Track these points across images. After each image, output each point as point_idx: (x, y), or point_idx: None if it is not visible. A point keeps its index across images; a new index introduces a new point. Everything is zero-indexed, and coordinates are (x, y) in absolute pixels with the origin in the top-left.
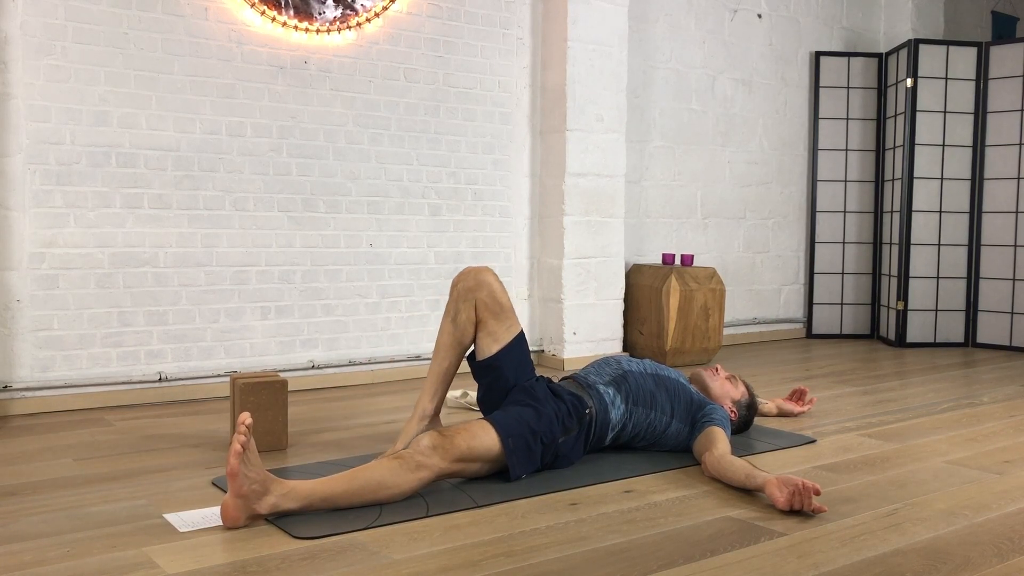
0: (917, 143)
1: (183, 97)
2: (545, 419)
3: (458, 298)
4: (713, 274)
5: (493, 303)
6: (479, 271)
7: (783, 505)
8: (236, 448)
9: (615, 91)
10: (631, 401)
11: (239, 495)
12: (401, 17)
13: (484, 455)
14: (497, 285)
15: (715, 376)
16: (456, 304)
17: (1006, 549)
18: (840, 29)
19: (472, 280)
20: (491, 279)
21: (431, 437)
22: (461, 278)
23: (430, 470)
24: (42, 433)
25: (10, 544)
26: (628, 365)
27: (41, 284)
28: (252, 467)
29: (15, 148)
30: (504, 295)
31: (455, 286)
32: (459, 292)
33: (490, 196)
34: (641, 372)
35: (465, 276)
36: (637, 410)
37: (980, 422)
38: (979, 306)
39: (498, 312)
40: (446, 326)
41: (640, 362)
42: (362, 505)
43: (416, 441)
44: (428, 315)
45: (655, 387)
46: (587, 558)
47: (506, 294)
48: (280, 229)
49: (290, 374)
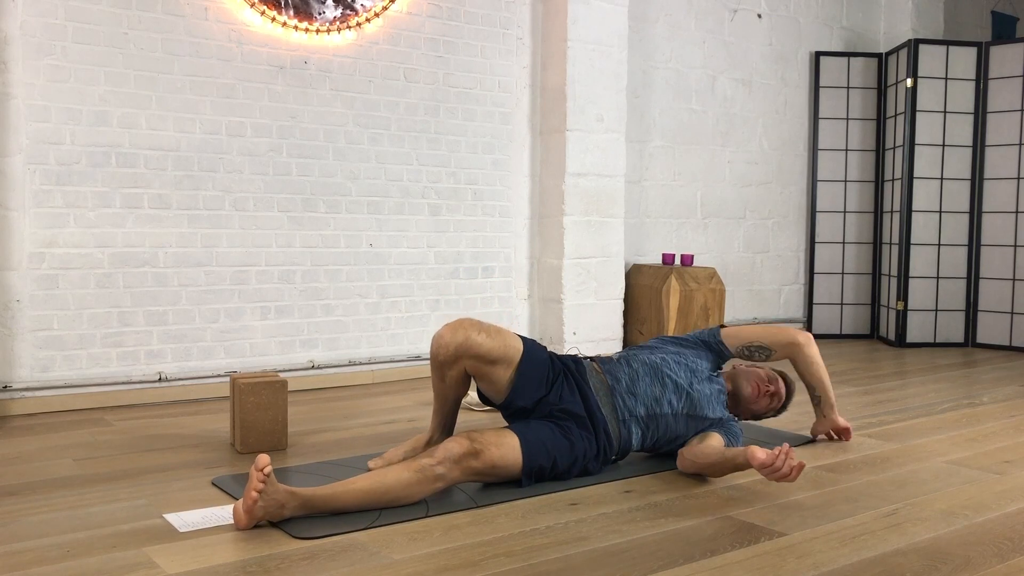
0: (917, 143)
1: (183, 97)
2: (572, 457)
3: (441, 366)
4: (713, 274)
5: (482, 363)
6: (453, 336)
7: (766, 460)
8: (252, 496)
9: (615, 91)
10: (653, 439)
11: (252, 516)
12: (401, 17)
13: (502, 472)
14: (479, 340)
15: (758, 398)
16: (440, 370)
17: (1006, 549)
18: (840, 29)
19: (451, 351)
20: (471, 339)
21: (462, 446)
22: (438, 349)
23: (447, 481)
24: (42, 433)
25: (10, 544)
26: (666, 404)
27: (41, 284)
28: (268, 496)
29: (15, 148)
30: (491, 341)
31: (434, 358)
32: (440, 363)
33: (490, 196)
34: (675, 414)
35: (442, 347)
36: (659, 443)
37: (980, 422)
38: (979, 306)
39: (492, 362)
40: (436, 382)
41: (679, 395)
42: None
43: (443, 449)
44: (428, 315)
45: (685, 428)
46: (587, 558)
47: (494, 336)
48: (280, 229)
49: (290, 374)
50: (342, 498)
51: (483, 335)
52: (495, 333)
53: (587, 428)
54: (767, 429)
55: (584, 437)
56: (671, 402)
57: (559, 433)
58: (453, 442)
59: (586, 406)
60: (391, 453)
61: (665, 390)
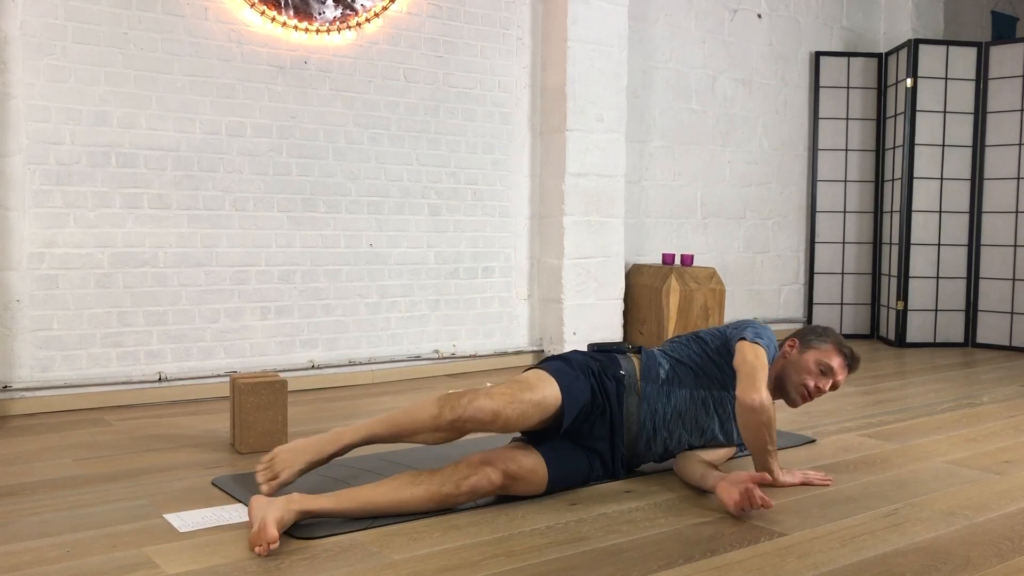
0: (917, 143)
1: (183, 97)
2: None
3: (457, 429)
4: (713, 274)
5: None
6: (497, 412)
7: (734, 508)
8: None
9: (615, 91)
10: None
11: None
12: (401, 17)
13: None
14: (520, 413)
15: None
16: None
17: (1006, 549)
18: (840, 29)
19: (492, 425)
20: (514, 417)
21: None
22: (477, 421)
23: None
24: (42, 433)
25: (10, 544)
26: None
27: (41, 284)
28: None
29: (15, 148)
30: (535, 411)
31: (459, 420)
32: (458, 427)
33: (490, 196)
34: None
35: (482, 422)
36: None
37: (980, 422)
38: (979, 306)
39: (533, 424)
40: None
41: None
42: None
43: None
44: (428, 315)
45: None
46: (587, 558)
47: (535, 404)
48: (280, 229)
49: (290, 374)
50: (355, 513)
51: (523, 405)
52: (531, 398)
53: (606, 458)
54: None
55: (600, 463)
56: (689, 441)
57: (583, 458)
58: (483, 479)
59: (612, 442)
60: (285, 469)
61: (691, 435)
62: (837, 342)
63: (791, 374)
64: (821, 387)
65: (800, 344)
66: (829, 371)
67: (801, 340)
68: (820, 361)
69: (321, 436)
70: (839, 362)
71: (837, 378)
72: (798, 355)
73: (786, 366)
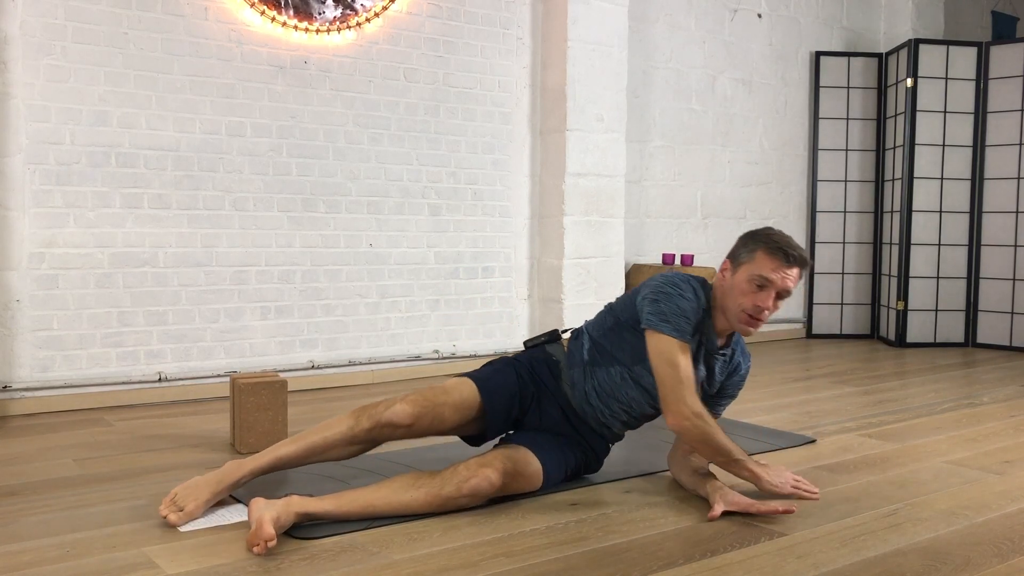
0: (917, 143)
1: (183, 97)
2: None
3: (375, 432)
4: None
5: (446, 429)
6: (414, 409)
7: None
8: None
9: (615, 91)
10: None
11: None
12: (401, 17)
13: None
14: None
15: (753, 319)
16: (370, 435)
17: (1006, 549)
18: (840, 29)
19: (412, 427)
20: (431, 415)
21: (492, 487)
22: (397, 419)
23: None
24: (42, 433)
25: (10, 544)
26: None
27: (41, 284)
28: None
29: (15, 148)
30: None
31: (378, 425)
32: (377, 431)
33: (490, 196)
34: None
35: (400, 418)
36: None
37: (980, 422)
38: (979, 306)
39: (455, 426)
40: (339, 437)
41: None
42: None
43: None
44: (428, 315)
45: (640, 393)
46: (587, 558)
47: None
48: (280, 229)
49: (290, 374)
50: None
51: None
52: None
53: (577, 440)
54: (767, 429)
55: (579, 448)
56: (629, 415)
57: (564, 444)
58: (483, 481)
59: (572, 424)
60: (189, 501)
61: (627, 412)
62: (768, 244)
63: (728, 304)
64: (762, 304)
65: (732, 264)
66: (766, 283)
67: (732, 259)
68: (752, 276)
69: (218, 471)
70: (774, 265)
71: (780, 285)
72: (731, 278)
73: (723, 296)
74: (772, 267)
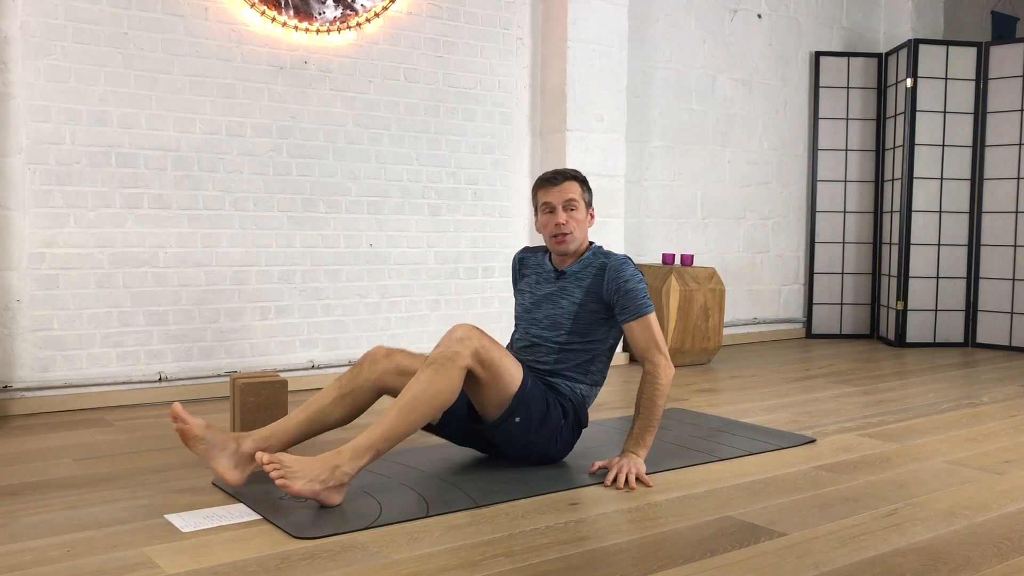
0: (917, 143)
1: (183, 97)
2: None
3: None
4: (713, 274)
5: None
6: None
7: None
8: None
9: (615, 91)
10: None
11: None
12: (401, 17)
13: (501, 385)
14: (482, 347)
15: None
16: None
17: (1006, 549)
18: (840, 29)
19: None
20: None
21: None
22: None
23: (464, 360)
24: (42, 433)
25: (10, 544)
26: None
27: (41, 284)
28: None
29: (15, 148)
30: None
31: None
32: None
33: (490, 196)
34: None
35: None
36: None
37: (980, 422)
38: (979, 306)
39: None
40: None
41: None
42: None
43: (448, 335)
44: (428, 315)
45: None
46: (587, 558)
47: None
48: (280, 229)
49: (290, 374)
50: (381, 438)
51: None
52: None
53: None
54: (766, 429)
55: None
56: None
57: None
58: (461, 345)
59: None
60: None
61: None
62: (538, 181)
63: (545, 241)
64: (550, 222)
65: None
66: (547, 206)
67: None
68: (539, 208)
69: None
70: (546, 190)
71: (559, 199)
72: (536, 223)
73: (544, 240)
74: (545, 191)
